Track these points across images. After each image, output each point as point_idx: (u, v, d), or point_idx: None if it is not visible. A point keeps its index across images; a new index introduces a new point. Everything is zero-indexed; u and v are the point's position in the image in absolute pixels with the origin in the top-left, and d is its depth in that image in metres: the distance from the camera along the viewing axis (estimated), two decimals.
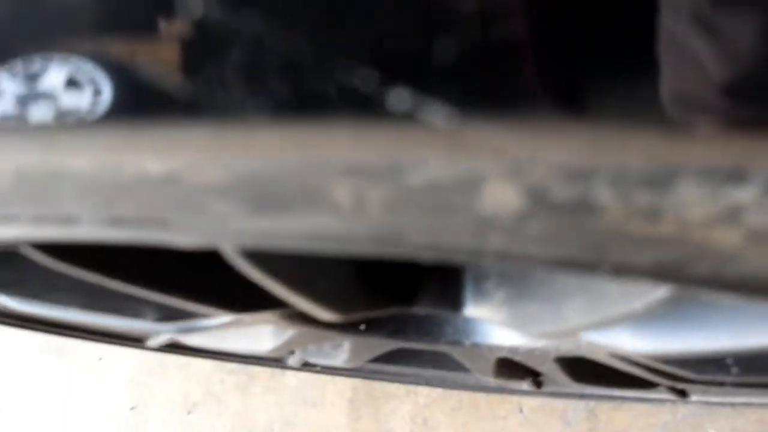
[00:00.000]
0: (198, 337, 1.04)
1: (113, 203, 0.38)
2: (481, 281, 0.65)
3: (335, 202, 0.35)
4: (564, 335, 0.57)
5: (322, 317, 0.60)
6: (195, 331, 0.83)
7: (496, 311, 0.62)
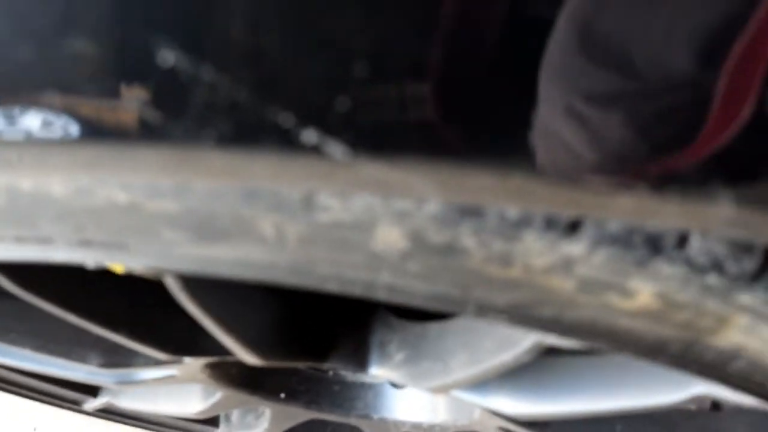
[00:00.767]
0: (131, 397, 1.09)
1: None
2: (385, 345, 0.72)
3: (262, 234, 0.43)
4: (450, 387, 0.64)
5: (246, 359, 0.66)
6: (130, 384, 0.88)
7: (396, 370, 0.69)
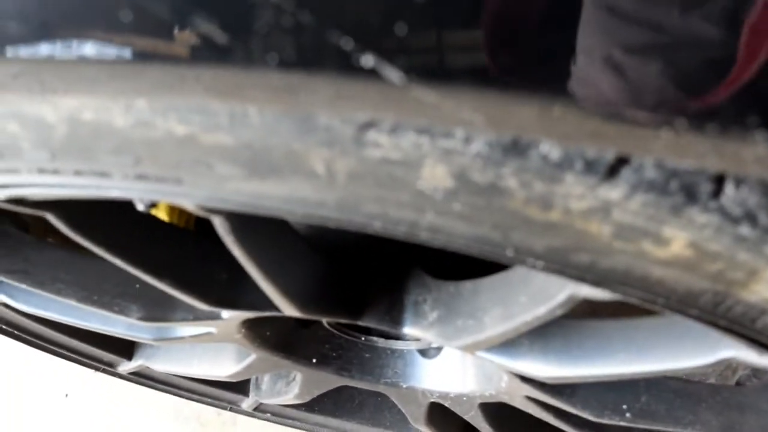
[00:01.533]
0: (165, 358, 1.12)
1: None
2: (420, 304, 0.74)
3: (312, 170, 0.43)
4: (483, 345, 0.66)
5: (285, 310, 0.69)
6: (168, 341, 0.91)
7: (430, 329, 0.71)
